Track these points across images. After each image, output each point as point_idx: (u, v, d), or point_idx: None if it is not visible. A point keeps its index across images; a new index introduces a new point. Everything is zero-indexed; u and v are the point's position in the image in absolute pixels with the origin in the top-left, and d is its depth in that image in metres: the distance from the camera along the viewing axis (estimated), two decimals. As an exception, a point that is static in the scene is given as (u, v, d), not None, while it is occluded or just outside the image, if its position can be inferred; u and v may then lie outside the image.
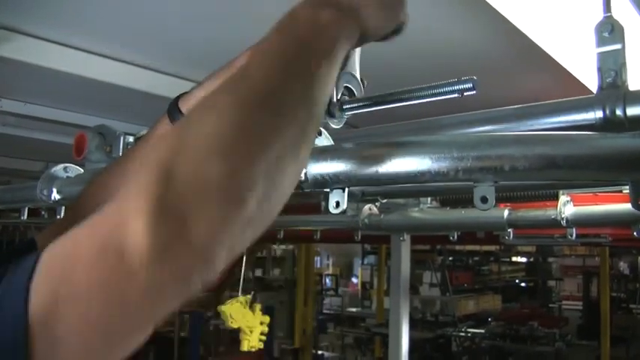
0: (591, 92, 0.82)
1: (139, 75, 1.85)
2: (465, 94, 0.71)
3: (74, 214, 0.97)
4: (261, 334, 3.45)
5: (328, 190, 0.81)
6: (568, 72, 1.58)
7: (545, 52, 1.46)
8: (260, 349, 3.56)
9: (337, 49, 0.63)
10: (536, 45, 1.42)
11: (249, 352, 3.55)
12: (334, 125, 0.80)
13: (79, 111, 2.35)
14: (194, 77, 1.62)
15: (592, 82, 1.58)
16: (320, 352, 9.80)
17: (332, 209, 0.80)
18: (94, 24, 1.56)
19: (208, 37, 1.61)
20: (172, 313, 0.56)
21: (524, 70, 1.75)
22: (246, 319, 3.35)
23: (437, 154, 0.73)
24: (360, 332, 10.34)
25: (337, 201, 0.80)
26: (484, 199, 0.73)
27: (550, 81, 1.73)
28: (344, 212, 0.81)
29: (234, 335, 3.61)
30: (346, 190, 0.80)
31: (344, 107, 0.81)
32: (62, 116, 2.33)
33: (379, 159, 0.76)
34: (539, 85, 1.81)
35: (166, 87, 1.84)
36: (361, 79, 0.80)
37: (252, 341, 3.38)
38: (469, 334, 9.13)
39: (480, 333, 9.26)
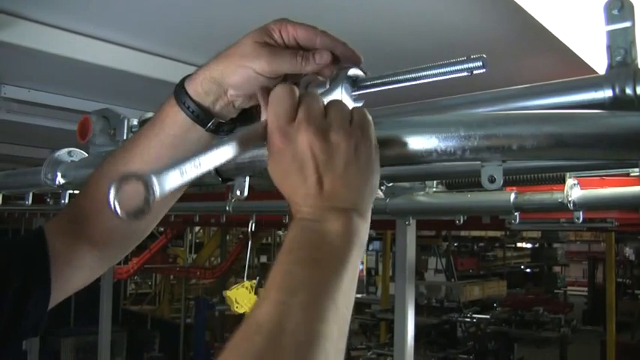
0: (597, 73, 0.81)
1: (142, 60, 1.84)
2: (475, 72, 0.70)
3: (80, 201, 0.97)
4: (267, 319, 3.44)
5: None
6: (574, 53, 1.56)
7: (550, 33, 1.44)
8: (266, 335, 3.56)
9: (351, 252, 0.66)
10: (542, 25, 1.40)
11: (254, 338, 3.55)
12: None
13: (82, 97, 2.35)
14: (196, 61, 1.61)
15: (598, 63, 1.57)
16: (326, 337, 9.81)
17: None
18: (97, 9, 1.55)
19: (210, 21, 1.60)
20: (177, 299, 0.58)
21: (530, 52, 1.74)
22: (252, 305, 3.35)
23: (443, 133, 0.72)
24: (365, 318, 10.38)
25: (342, 181, 0.79)
26: (492, 179, 0.72)
27: (555, 62, 1.71)
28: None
29: (240, 321, 3.62)
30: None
31: (353, 88, 0.80)
32: (66, 102, 2.33)
33: (385, 138, 0.75)
34: (544, 66, 1.79)
35: (169, 71, 1.84)
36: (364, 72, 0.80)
37: (257, 327, 3.38)
38: (474, 320, 9.16)
39: (486, 318, 9.30)
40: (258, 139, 0.71)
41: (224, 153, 0.68)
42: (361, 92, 0.81)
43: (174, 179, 0.62)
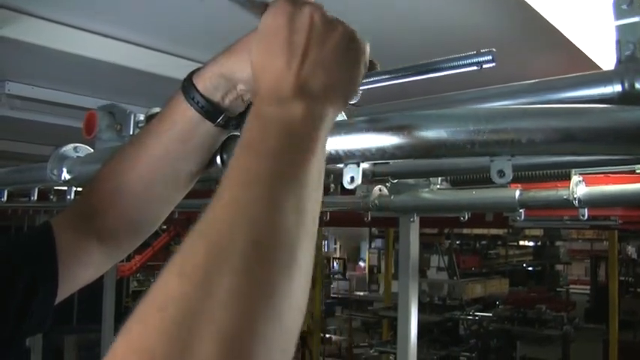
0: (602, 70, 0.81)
1: (148, 57, 1.84)
2: (484, 66, 0.70)
3: (88, 197, 0.97)
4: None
5: (342, 165, 0.80)
6: (580, 50, 1.56)
7: (556, 29, 1.44)
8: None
9: (318, 142, 0.61)
10: (547, 22, 1.39)
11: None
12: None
13: (87, 94, 2.34)
14: (202, 58, 1.61)
15: (604, 60, 1.56)
16: (328, 335, 9.86)
17: (346, 184, 0.79)
18: (102, 5, 1.55)
19: (215, 18, 1.60)
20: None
21: (535, 49, 1.73)
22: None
23: (452, 127, 0.72)
24: (367, 316, 10.39)
25: (352, 176, 0.79)
26: (501, 173, 0.72)
27: (561, 59, 1.70)
28: (356, 190, 0.80)
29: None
30: (360, 165, 0.79)
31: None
32: (70, 99, 2.33)
33: (393, 133, 0.75)
34: (549, 63, 1.79)
35: (174, 68, 1.83)
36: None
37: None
38: (477, 318, 9.15)
39: (488, 316, 9.29)
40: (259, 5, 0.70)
41: None
42: (368, 87, 0.81)
43: None
